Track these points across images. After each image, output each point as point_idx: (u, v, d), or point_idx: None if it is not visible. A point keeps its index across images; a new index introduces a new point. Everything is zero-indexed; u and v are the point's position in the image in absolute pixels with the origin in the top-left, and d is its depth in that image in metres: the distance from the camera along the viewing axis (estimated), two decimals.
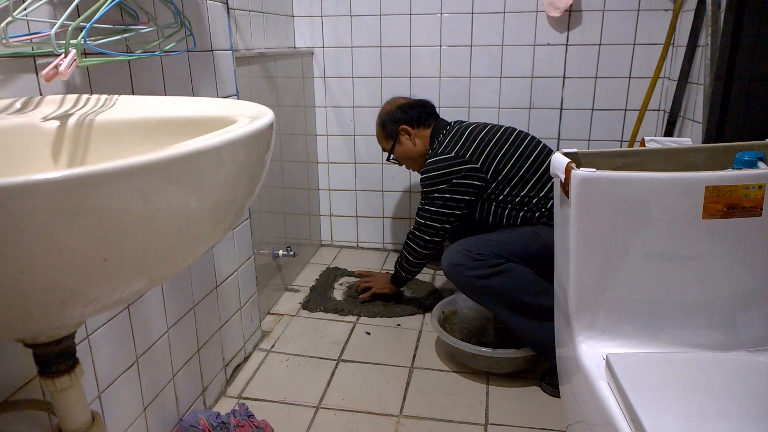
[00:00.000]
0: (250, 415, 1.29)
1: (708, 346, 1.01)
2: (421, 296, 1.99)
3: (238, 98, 1.50)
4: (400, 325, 1.83)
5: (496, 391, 1.50)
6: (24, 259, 0.40)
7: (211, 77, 1.36)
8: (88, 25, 0.81)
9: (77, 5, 0.82)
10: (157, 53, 1.07)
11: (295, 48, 2.19)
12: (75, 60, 0.77)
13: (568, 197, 0.97)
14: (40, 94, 0.85)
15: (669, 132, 1.89)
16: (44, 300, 0.44)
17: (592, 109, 2.09)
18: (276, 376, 1.56)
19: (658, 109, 2.03)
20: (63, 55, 0.77)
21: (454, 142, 1.64)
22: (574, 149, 1.07)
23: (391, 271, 1.94)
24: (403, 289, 1.98)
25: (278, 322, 1.85)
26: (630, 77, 2.03)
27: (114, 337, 1.04)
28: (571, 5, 1.94)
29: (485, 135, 1.64)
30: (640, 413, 0.79)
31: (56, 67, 0.75)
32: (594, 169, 0.95)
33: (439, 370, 1.59)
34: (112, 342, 1.03)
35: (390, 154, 1.85)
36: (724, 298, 1.00)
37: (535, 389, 1.50)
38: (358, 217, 2.44)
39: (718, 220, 0.95)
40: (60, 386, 0.63)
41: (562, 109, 2.11)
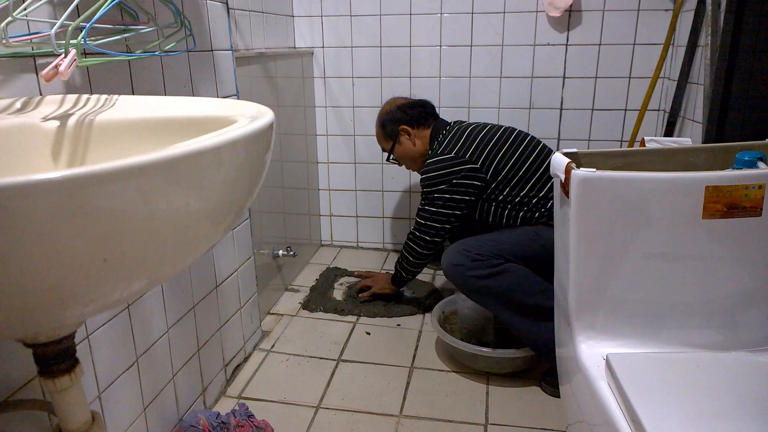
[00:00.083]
0: (250, 415, 1.29)
1: (708, 346, 1.01)
2: (421, 296, 1.99)
3: (238, 98, 1.50)
4: (400, 325, 1.83)
5: (496, 391, 1.50)
6: (24, 259, 0.40)
7: (211, 77, 1.36)
8: (88, 25, 0.81)
9: (77, 5, 0.82)
10: (157, 53, 1.07)
11: (295, 48, 2.19)
12: (75, 60, 0.77)
13: (568, 197, 0.97)
14: (40, 94, 0.85)
15: (669, 132, 1.89)
16: (44, 300, 0.44)
17: (592, 109, 2.09)
18: (276, 376, 1.56)
19: (658, 109, 2.03)
20: (63, 55, 0.77)
21: (453, 142, 1.64)
22: (574, 149, 1.07)
23: (391, 272, 1.94)
24: (403, 289, 1.98)
25: (278, 322, 1.85)
26: (630, 77, 2.02)
27: (114, 337, 1.04)
28: (571, 5, 1.94)
29: (485, 135, 1.64)
30: (640, 413, 0.79)
31: (56, 67, 0.75)
32: (594, 169, 0.95)
33: (439, 370, 1.59)
34: (112, 342, 1.03)
35: (390, 155, 1.84)
36: (724, 298, 1.00)
37: (535, 389, 1.50)
38: (358, 217, 2.44)
39: (718, 220, 0.95)
40: (60, 386, 0.63)
41: (562, 109, 2.11)
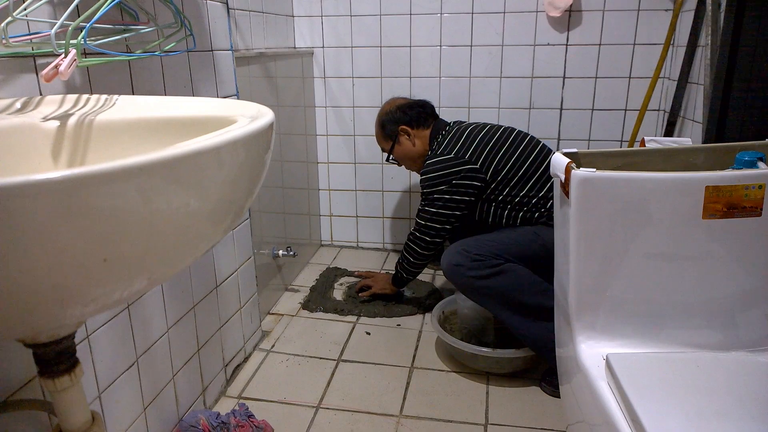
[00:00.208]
0: (250, 415, 1.29)
1: (708, 346, 1.01)
2: (421, 296, 1.99)
3: (238, 98, 1.50)
4: (400, 325, 1.83)
5: (496, 391, 1.50)
6: (24, 259, 0.40)
7: (211, 77, 1.36)
8: (88, 25, 0.81)
9: (77, 5, 0.82)
10: (157, 53, 1.07)
11: (295, 48, 2.19)
12: (75, 60, 0.77)
13: (568, 197, 0.97)
14: (40, 94, 0.85)
15: (669, 132, 1.89)
16: (44, 300, 0.44)
17: (592, 109, 2.09)
18: (276, 376, 1.56)
19: (658, 109, 2.03)
20: (63, 55, 0.77)
21: (453, 142, 1.64)
22: (574, 149, 1.07)
23: (391, 272, 1.94)
24: (403, 289, 1.98)
25: (278, 322, 1.85)
26: (630, 77, 2.02)
27: (114, 337, 1.04)
28: (571, 5, 1.94)
29: (484, 135, 1.64)
30: (640, 413, 0.79)
31: (56, 67, 0.75)
32: (594, 169, 0.95)
33: (439, 370, 1.59)
34: (112, 342, 1.03)
35: (389, 155, 1.84)
36: (724, 298, 1.00)
37: (535, 389, 1.50)
38: (358, 217, 2.44)
39: (718, 220, 0.95)
40: (60, 386, 0.63)
41: (562, 109, 2.11)
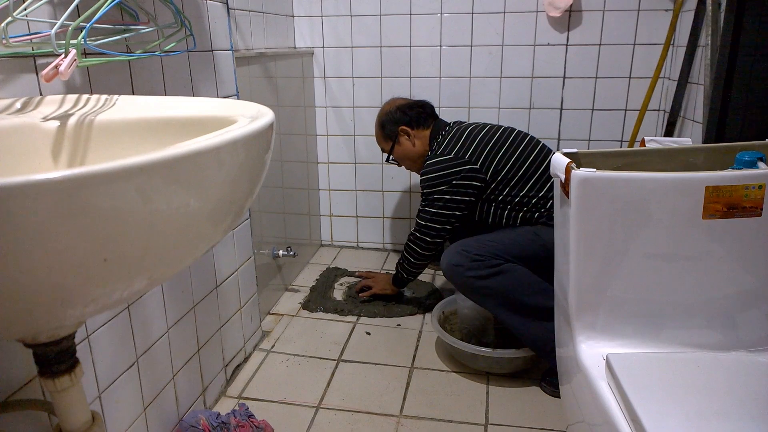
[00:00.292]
0: (251, 415, 1.29)
1: (708, 346, 1.01)
2: (421, 296, 1.99)
3: (238, 98, 1.50)
4: (400, 325, 1.83)
5: (496, 391, 1.50)
6: (24, 259, 0.40)
7: (211, 77, 1.36)
8: (88, 25, 0.81)
9: (77, 5, 0.82)
10: (157, 53, 1.07)
11: (295, 48, 2.19)
12: (75, 60, 0.77)
13: (568, 197, 0.97)
14: (40, 94, 0.85)
15: (669, 132, 1.89)
16: (44, 300, 0.44)
17: (592, 109, 2.09)
18: (276, 376, 1.56)
19: (658, 109, 2.03)
20: (63, 55, 0.77)
21: (453, 143, 1.64)
22: (574, 149, 1.07)
23: (391, 272, 1.94)
24: (404, 289, 1.98)
25: (278, 322, 1.85)
26: (630, 77, 2.02)
27: (114, 337, 1.04)
28: (571, 5, 1.94)
29: (484, 135, 1.64)
30: (640, 413, 0.79)
31: (56, 67, 0.75)
32: (594, 169, 0.95)
33: (439, 370, 1.59)
34: (112, 342, 1.03)
35: (389, 155, 1.84)
36: (724, 298, 1.00)
37: (535, 389, 1.50)
38: (358, 217, 2.44)
39: (718, 220, 0.95)
40: (60, 386, 0.63)
41: (562, 109, 2.11)
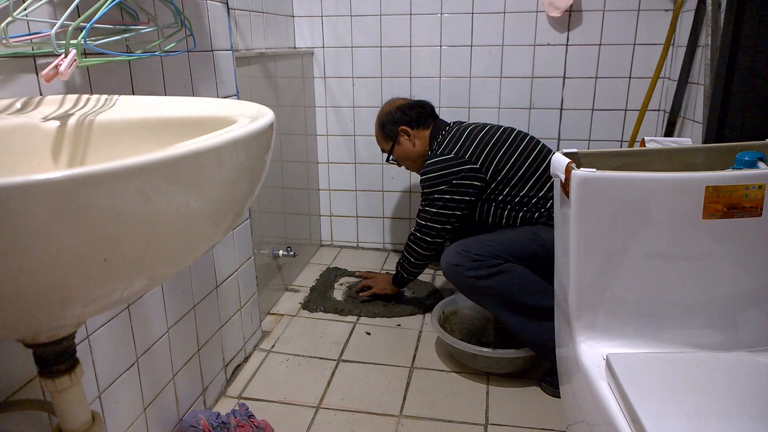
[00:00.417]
0: (251, 416, 1.29)
1: (708, 346, 1.01)
2: (422, 296, 1.99)
3: (238, 98, 1.50)
4: (400, 325, 1.83)
5: (496, 391, 1.50)
6: (24, 259, 0.40)
7: (211, 77, 1.36)
8: (88, 26, 0.81)
9: (77, 5, 0.82)
10: (157, 53, 1.07)
11: (295, 48, 2.19)
12: (75, 60, 0.77)
13: (568, 197, 0.97)
14: (40, 94, 0.85)
15: (669, 132, 1.89)
16: (44, 300, 0.44)
17: (592, 109, 2.09)
18: (276, 376, 1.56)
19: (658, 109, 2.03)
20: (63, 55, 0.77)
21: (453, 142, 1.64)
22: (574, 149, 1.07)
23: (391, 272, 1.94)
24: (404, 289, 1.98)
25: (278, 322, 1.85)
26: (630, 77, 2.02)
27: (114, 337, 1.04)
28: (571, 5, 1.94)
29: (484, 135, 1.64)
30: (640, 413, 0.79)
31: (56, 67, 0.75)
32: (594, 169, 0.95)
33: (439, 370, 1.59)
34: (112, 342, 1.03)
35: (389, 155, 1.84)
36: (724, 298, 1.00)
37: (535, 389, 1.50)
38: (358, 217, 2.44)
39: (718, 220, 0.95)
40: (60, 386, 0.63)
41: (562, 109, 2.11)
